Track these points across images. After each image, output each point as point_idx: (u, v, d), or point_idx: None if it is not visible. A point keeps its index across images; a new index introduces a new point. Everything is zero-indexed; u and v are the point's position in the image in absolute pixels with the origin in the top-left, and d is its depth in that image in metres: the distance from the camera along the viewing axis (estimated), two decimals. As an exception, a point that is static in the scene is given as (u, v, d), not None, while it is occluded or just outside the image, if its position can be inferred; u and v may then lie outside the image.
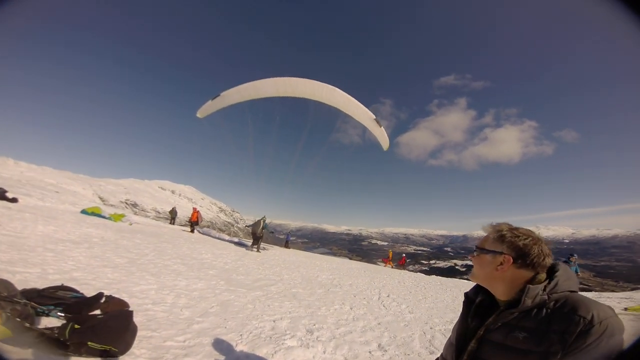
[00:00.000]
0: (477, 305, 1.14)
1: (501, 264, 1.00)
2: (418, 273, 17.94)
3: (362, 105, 6.44)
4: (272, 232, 16.31)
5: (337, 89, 6.31)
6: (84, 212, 12.81)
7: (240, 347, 3.27)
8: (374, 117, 6.40)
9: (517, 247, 0.99)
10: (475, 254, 1.12)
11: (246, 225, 14.77)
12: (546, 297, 0.91)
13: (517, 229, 1.05)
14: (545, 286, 0.93)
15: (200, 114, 7.51)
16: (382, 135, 6.95)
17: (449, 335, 4.18)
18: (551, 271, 0.99)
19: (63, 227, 8.17)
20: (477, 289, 1.17)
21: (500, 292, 1.03)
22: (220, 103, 6.95)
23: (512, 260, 0.98)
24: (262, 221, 13.68)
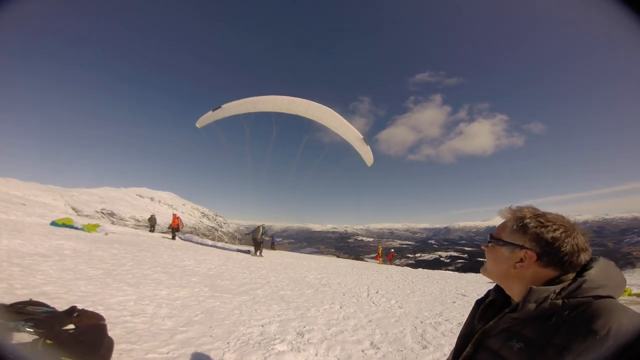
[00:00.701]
0: (488, 304, 0.95)
1: (521, 260, 0.78)
2: (405, 267, 18.20)
3: (352, 126, 6.86)
4: (271, 237, 17.67)
5: (330, 109, 6.66)
6: (53, 224, 12.15)
7: (227, 356, 3.11)
8: (362, 136, 6.73)
9: (543, 241, 0.75)
10: (489, 244, 0.89)
11: (246, 234, 15.57)
12: (560, 302, 0.69)
13: (544, 215, 0.80)
14: (562, 288, 0.71)
15: (199, 124, 7.75)
16: (367, 153, 7.34)
17: (440, 329, 4.20)
18: (584, 269, 0.75)
19: (30, 240, 7.64)
20: (498, 287, 0.95)
21: (517, 293, 0.81)
22: (220, 114, 7.15)
23: (535, 257, 0.76)
24: (261, 227, 14.48)
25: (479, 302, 1.00)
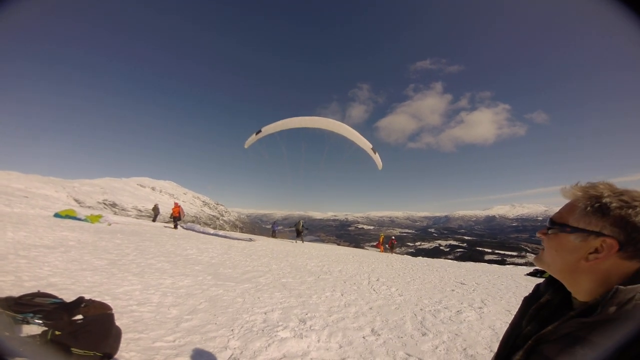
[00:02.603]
0: (542, 305, 0.77)
1: (596, 251, 0.61)
2: (405, 255, 18.39)
3: (362, 137, 8.00)
4: (307, 229, 21.59)
5: (344, 124, 8.01)
6: (57, 215, 12.23)
7: (232, 343, 3.20)
8: (371, 145, 7.90)
9: (630, 226, 0.58)
10: (548, 231, 0.72)
11: (292, 227, 20.57)
12: None
13: (628, 192, 0.61)
14: None
15: (246, 145, 9.36)
16: (377, 159, 8.62)
17: (439, 317, 4.26)
18: None
19: (35, 232, 7.72)
20: (549, 282, 0.79)
21: (584, 290, 0.65)
22: (260, 135, 8.69)
23: (617, 246, 0.58)
24: (301, 222, 19.59)
25: (528, 301, 0.83)
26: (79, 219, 12.31)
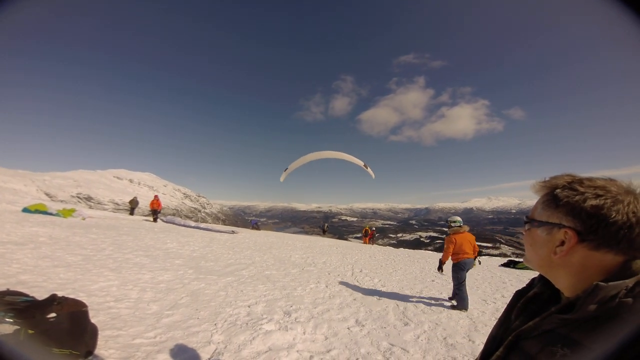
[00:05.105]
0: (531, 299, 0.74)
1: (562, 243, 0.58)
2: (387, 247, 18.75)
3: (358, 159, 10.12)
4: (328, 228, 26.92)
5: (345, 154, 9.89)
6: (26, 210, 11.62)
7: (215, 337, 3.15)
8: (364, 163, 9.96)
9: (583, 213, 0.55)
10: (526, 227, 0.71)
11: (318, 226, 27.14)
12: (630, 300, 0.50)
13: (581, 181, 0.60)
14: (638, 281, 0.51)
15: (281, 179, 10.85)
16: (370, 172, 10.46)
17: (420, 307, 4.35)
18: None
19: (1, 228, 7.30)
20: (541, 275, 0.74)
21: (565, 285, 0.62)
22: (288, 171, 10.55)
23: (576, 236, 0.55)
24: (326, 224, 26.36)
25: (519, 294, 0.79)
26: (50, 214, 11.76)
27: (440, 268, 5.56)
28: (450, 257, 5.30)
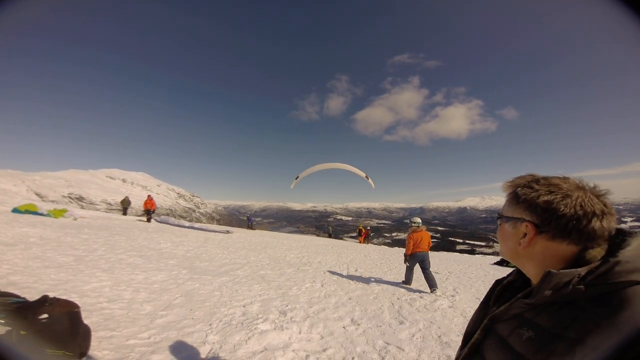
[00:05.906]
0: (506, 286, 0.83)
1: (524, 236, 0.67)
2: (382, 246, 18.83)
3: (360, 171, 10.55)
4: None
5: (349, 165, 10.33)
6: (15, 210, 11.41)
7: (210, 337, 3.13)
8: (365, 174, 10.45)
9: (538, 207, 0.64)
10: (498, 222, 0.79)
11: (323, 230, 28.61)
12: (583, 287, 0.55)
13: (538, 180, 0.69)
14: (589, 271, 0.56)
15: (292, 186, 11.19)
16: (370, 182, 10.86)
17: (415, 305, 4.39)
18: (619, 246, 0.59)
19: (-10, 226, 7.15)
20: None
21: (531, 274, 0.70)
22: (299, 179, 10.88)
23: (534, 228, 0.64)
24: (330, 227, 27.72)
25: (497, 282, 0.88)
26: (41, 214, 11.56)
27: (406, 260, 6.52)
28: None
